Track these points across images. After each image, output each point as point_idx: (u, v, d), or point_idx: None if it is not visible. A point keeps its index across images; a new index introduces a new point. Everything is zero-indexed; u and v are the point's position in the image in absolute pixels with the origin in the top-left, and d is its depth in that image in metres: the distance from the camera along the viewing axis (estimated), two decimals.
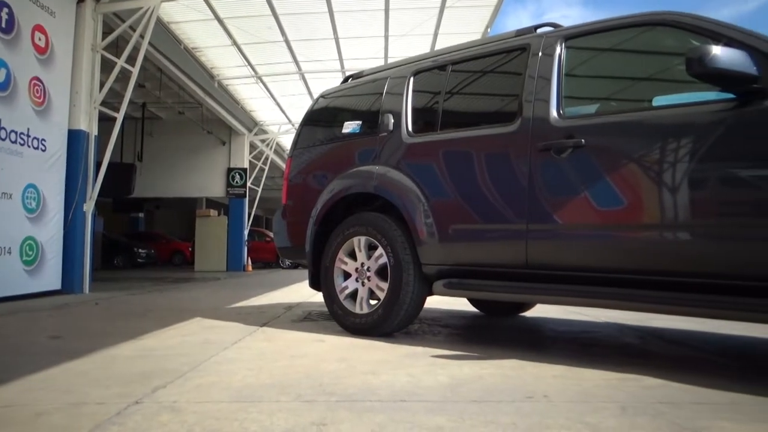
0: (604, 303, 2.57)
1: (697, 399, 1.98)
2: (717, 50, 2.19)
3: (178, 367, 2.47)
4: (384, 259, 3.32)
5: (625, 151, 2.58)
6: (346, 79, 4.39)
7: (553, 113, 2.82)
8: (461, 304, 5.15)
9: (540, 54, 2.99)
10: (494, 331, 3.73)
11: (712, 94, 2.41)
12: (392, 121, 3.57)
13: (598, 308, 3.14)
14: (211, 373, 2.39)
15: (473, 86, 3.54)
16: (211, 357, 2.73)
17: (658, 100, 2.85)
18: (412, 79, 3.64)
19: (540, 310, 4.78)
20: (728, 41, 2.35)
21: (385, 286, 3.29)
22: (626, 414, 1.79)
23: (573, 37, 2.98)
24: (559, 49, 2.94)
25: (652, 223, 2.46)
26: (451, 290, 3.08)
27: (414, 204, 3.25)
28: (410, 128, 3.49)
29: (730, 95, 2.32)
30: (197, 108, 14.10)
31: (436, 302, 5.32)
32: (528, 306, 4.59)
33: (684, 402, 1.93)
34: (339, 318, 3.52)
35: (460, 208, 3.09)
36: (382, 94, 3.76)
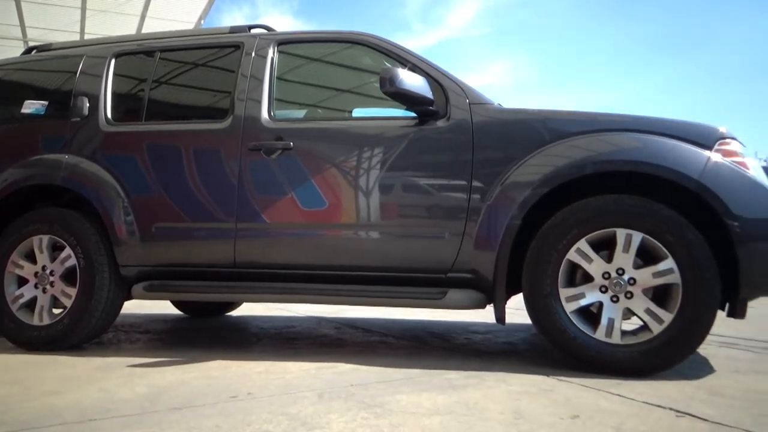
0: (306, 298, 2.74)
1: (381, 378, 2.25)
2: (404, 74, 2.53)
3: None
4: (73, 261, 2.92)
5: (328, 155, 2.79)
6: (29, 50, 3.73)
7: (264, 114, 2.88)
8: (164, 307, 4.86)
9: (253, 54, 3.01)
10: (199, 333, 3.63)
11: (399, 111, 2.78)
12: (87, 105, 3.16)
13: (300, 303, 3.32)
14: None
15: (184, 78, 3.38)
16: None
17: (357, 112, 3.17)
18: (113, 61, 3.28)
19: (246, 309, 4.83)
20: (412, 66, 2.74)
21: (73, 291, 2.90)
22: (323, 400, 1.93)
23: (286, 42, 3.09)
24: (271, 52, 3.01)
25: (349, 223, 2.72)
26: (154, 293, 2.89)
27: (112, 199, 2.94)
28: (109, 115, 3.15)
29: (413, 114, 2.71)
30: None
31: (134, 307, 4.90)
32: (234, 305, 4.59)
33: (371, 382, 2.18)
34: (11, 333, 2.96)
35: (165, 206, 2.91)
36: (75, 73, 3.30)
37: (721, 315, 2.34)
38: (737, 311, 2.35)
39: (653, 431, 1.63)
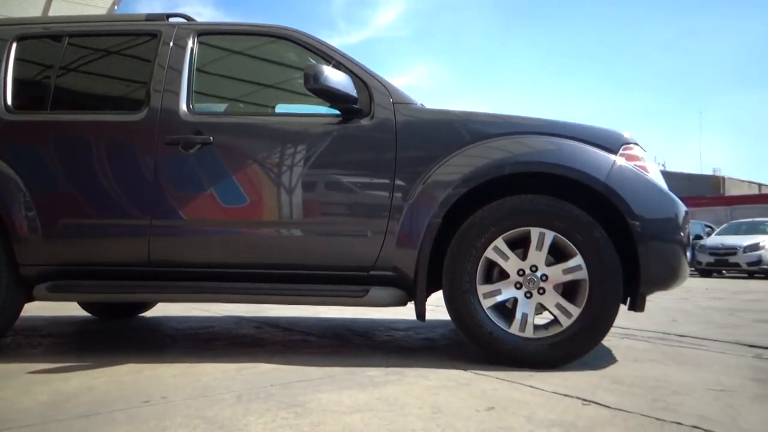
0: (225, 297, 2.68)
1: (302, 377, 2.23)
2: (328, 71, 2.52)
3: None
4: None
5: (250, 151, 2.72)
6: None
7: (183, 107, 2.77)
8: (70, 308, 4.57)
9: (171, 44, 2.89)
10: (109, 336, 3.44)
11: (323, 109, 2.76)
12: None
13: (219, 303, 3.22)
14: None
15: (95, 66, 3.19)
16: None
17: (281, 108, 3.12)
18: (15, 44, 3.04)
19: (161, 309, 4.63)
20: (337, 64, 2.73)
21: None
22: (241, 401, 1.89)
23: (207, 33, 2.99)
24: (191, 43, 2.90)
25: (271, 221, 2.67)
26: (59, 294, 2.71)
27: (12, 194, 2.73)
28: (9, 103, 2.92)
29: (337, 111, 2.70)
30: None
31: (37, 308, 4.58)
32: (148, 306, 4.39)
33: (291, 381, 2.16)
34: None
35: (73, 201, 2.74)
36: None
37: (622, 308, 2.51)
38: (637, 305, 2.53)
39: (561, 419, 1.72)
